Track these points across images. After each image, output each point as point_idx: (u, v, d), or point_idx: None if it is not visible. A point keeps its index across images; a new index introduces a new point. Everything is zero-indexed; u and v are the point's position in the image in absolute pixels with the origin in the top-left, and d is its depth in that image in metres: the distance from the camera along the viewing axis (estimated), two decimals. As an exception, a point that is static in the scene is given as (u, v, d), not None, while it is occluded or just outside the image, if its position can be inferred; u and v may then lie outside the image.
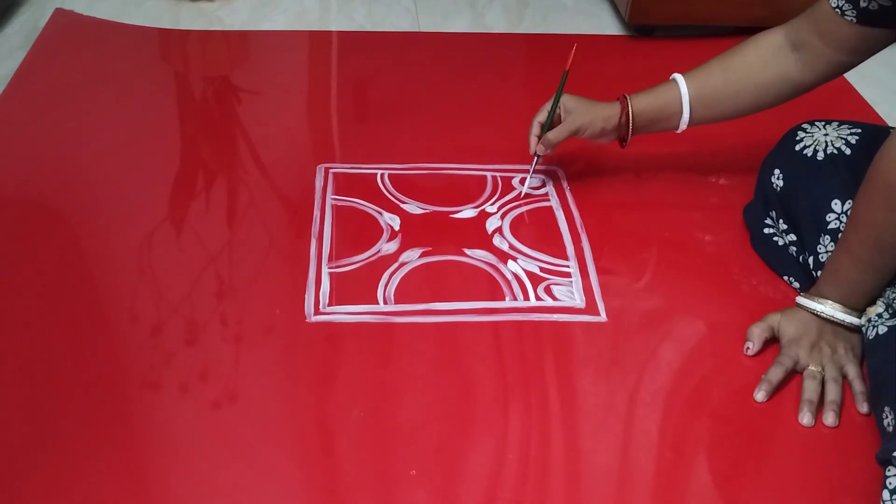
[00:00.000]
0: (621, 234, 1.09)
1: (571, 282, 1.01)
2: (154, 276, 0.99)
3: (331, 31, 1.60)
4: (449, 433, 0.82)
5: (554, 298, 0.98)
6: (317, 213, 1.10)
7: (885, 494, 0.71)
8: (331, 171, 1.18)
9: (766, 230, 1.04)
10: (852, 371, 0.88)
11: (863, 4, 0.90)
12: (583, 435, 0.83)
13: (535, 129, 1.09)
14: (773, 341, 0.92)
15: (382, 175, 1.18)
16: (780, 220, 1.01)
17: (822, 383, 0.86)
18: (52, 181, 1.14)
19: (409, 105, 1.35)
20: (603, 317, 0.96)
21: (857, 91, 1.38)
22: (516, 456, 0.80)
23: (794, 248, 1.00)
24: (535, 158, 1.11)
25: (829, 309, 0.88)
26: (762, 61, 1.00)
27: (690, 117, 1.04)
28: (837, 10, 0.92)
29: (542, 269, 1.02)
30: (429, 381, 0.87)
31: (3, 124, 1.25)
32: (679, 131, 1.06)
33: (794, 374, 0.88)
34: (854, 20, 0.91)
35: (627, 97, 1.05)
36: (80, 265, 1.01)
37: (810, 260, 0.96)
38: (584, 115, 1.06)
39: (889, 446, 0.74)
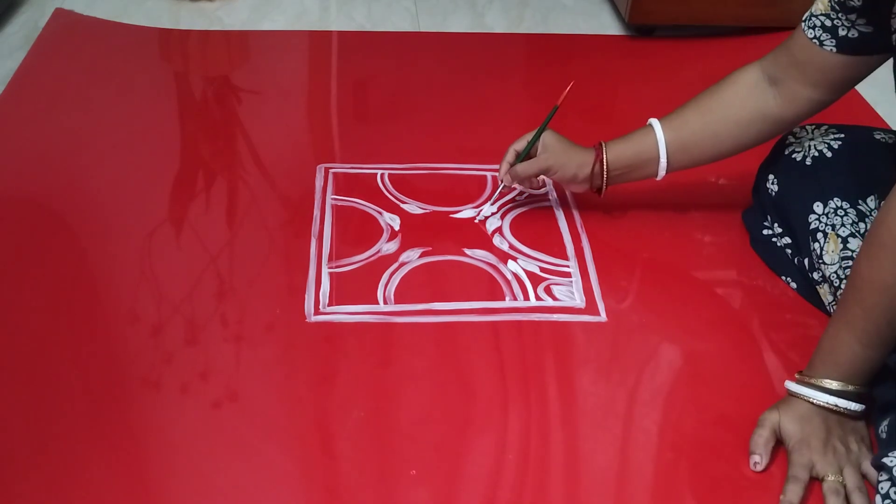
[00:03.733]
0: (621, 234, 1.09)
1: (571, 282, 1.01)
2: (154, 275, 0.99)
3: (331, 31, 1.60)
4: (449, 433, 0.82)
5: (554, 298, 0.98)
6: (317, 213, 1.10)
7: (878, 500, 0.71)
8: (331, 171, 1.18)
9: (764, 231, 1.04)
10: (865, 465, 0.78)
11: (842, 33, 0.87)
12: (582, 435, 0.83)
13: (510, 157, 1.04)
14: (778, 444, 0.82)
15: (382, 175, 1.18)
16: (776, 225, 1.02)
17: (846, 496, 0.77)
18: (52, 181, 1.14)
19: (409, 105, 1.35)
20: (603, 317, 0.96)
21: (858, 91, 1.38)
22: (516, 456, 0.80)
23: (790, 251, 1.01)
24: (500, 186, 1.07)
25: (833, 399, 0.78)
26: (740, 99, 0.96)
27: (668, 163, 1.00)
28: (815, 40, 0.89)
29: (542, 269, 1.02)
30: (429, 380, 0.87)
31: (3, 124, 1.25)
32: (658, 178, 1.02)
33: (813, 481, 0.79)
34: (834, 49, 0.88)
35: (603, 144, 1.01)
36: (81, 265, 1.01)
37: (805, 262, 0.97)
38: (558, 156, 1.01)
39: (882, 452, 0.74)
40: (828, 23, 0.88)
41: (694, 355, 0.92)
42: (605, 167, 1.01)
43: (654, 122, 1.00)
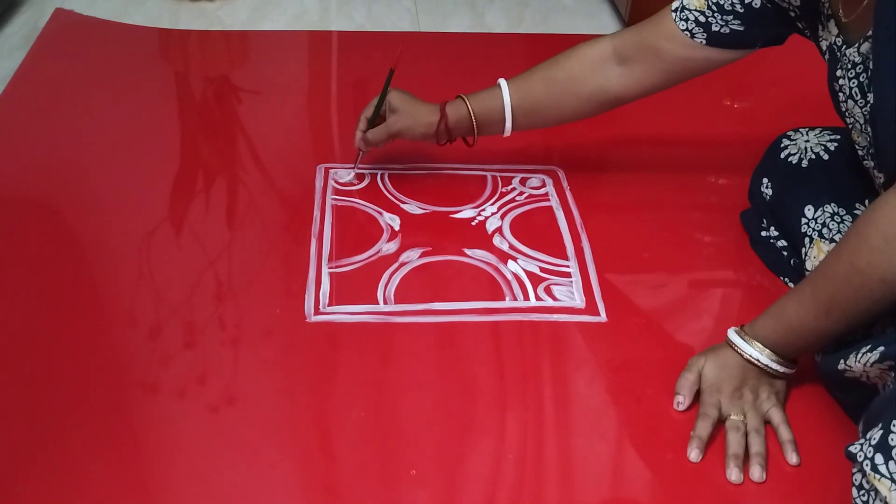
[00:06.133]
0: (621, 234, 1.09)
1: (571, 282, 1.01)
2: (153, 277, 0.99)
3: (331, 31, 1.60)
4: (449, 433, 0.82)
5: (554, 298, 0.98)
6: (317, 213, 1.10)
7: (854, 492, 0.71)
8: (331, 171, 1.18)
9: (762, 233, 1.04)
10: (777, 417, 0.82)
11: (714, 29, 0.93)
12: (583, 435, 0.83)
13: (361, 125, 1.09)
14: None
15: (382, 175, 1.17)
16: (772, 228, 1.02)
17: (747, 434, 0.81)
18: (52, 181, 1.14)
19: (409, 105, 1.35)
20: (603, 317, 0.96)
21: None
22: (516, 456, 0.80)
23: (786, 253, 1.01)
24: (359, 153, 1.13)
25: (756, 353, 0.82)
26: (585, 74, 1.03)
27: (513, 125, 1.07)
28: (687, 32, 0.95)
29: (542, 269, 1.02)
30: (429, 381, 0.87)
31: (3, 124, 1.25)
32: (505, 136, 1.09)
33: (721, 422, 0.83)
34: (704, 42, 0.95)
35: (448, 105, 1.07)
36: (80, 266, 1.01)
37: (801, 266, 0.96)
38: (406, 119, 1.07)
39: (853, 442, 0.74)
40: (702, 19, 0.94)
41: (694, 355, 0.92)
42: (448, 128, 1.07)
43: (503, 84, 1.07)
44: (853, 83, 0.82)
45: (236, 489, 0.76)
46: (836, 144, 0.98)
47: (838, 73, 0.84)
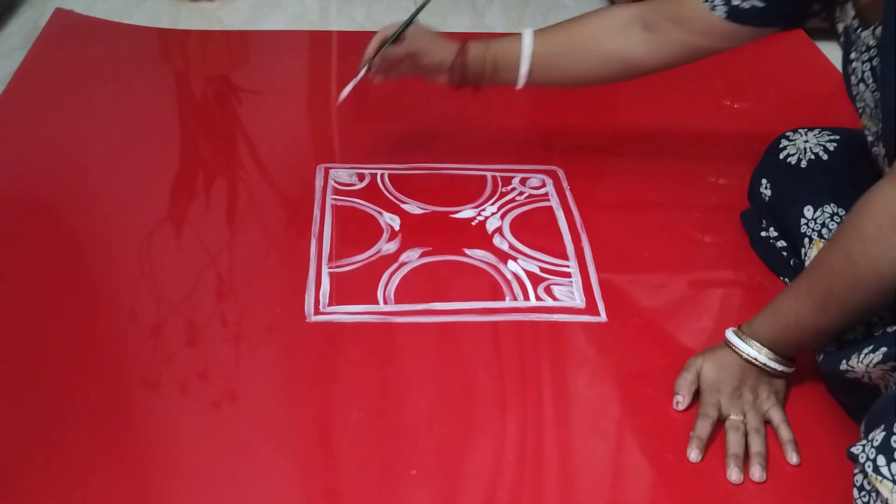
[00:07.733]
0: (621, 234, 1.09)
1: (571, 282, 1.01)
2: (154, 275, 0.99)
3: (331, 31, 1.60)
4: (449, 433, 0.82)
5: (554, 298, 0.98)
6: (317, 213, 1.10)
7: (854, 493, 0.71)
8: (331, 171, 1.18)
9: (762, 233, 1.04)
10: (777, 417, 0.82)
11: (735, 2, 0.92)
12: (582, 435, 0.83)
13: (376, 42, 1.03)
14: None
15: (382, 175, 1.17)
16: (771, 228, 1.02)
17: (746, 434, 0.81)
18: (52, 181, 1.14)
19: (409, 105, 1.35)
20: (603, 317, 0.96)
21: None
22: (516, 456, 0.80)
23: (786, 253, 1.01)
24: (365, 68, 1.03)
25: (754, 352, 0.82)
26: (609, 32, 1.01)
27: (529, 74, 1.04)
28: (707, 3, 0.94)
29: (542, 269, 1.02)
30: (429, 381, 0.87)
31: (3, 124, 1.25)
32: (518, 87, 1.06)
33: (721, 422, 0.83)
34: (724, 16, 0.93)
35: (469, 42, 1.05)
36: (80, 265, 1.01)
37: (801, 266, 0.96)
38: (427, 41, 1.03)
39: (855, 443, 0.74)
40: None
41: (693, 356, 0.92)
42: (464, 64, 1.04)
43: (526, 31, 1.04)
44: (866, 66, 0.81)
45: (236, 487, 0.76)
46: (835, 144, 0.98)
47: (852, 55, 0.84)
